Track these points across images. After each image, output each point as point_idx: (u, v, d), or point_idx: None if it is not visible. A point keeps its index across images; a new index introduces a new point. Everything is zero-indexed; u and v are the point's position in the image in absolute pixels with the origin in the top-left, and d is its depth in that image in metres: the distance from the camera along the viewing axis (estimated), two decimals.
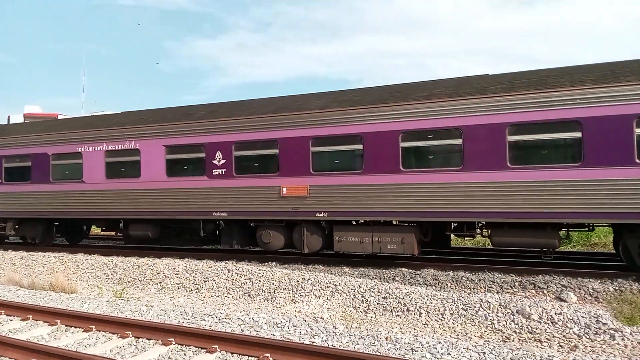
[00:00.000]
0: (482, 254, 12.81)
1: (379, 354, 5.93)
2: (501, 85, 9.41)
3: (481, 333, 7.03)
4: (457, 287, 9.08)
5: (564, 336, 6.79)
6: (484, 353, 5.88)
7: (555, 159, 8.83)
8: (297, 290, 9.09)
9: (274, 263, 11.48)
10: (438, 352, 5.93)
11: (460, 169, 9.44)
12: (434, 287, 9.16)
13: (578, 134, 8.64)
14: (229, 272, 10.27)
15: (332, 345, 6.31)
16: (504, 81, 9.58)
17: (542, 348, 6.36)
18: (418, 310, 7.87)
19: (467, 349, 6.04)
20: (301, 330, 7.02)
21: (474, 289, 8.95)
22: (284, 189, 10.96)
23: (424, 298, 8.13)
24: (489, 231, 9.69)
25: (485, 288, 8.93)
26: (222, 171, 11.62)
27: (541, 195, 8.79)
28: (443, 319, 7.58)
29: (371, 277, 9.86)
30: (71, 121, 15.23)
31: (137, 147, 12.64)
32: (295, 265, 11.24)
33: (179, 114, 12.78)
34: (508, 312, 7.41)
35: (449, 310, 7.70)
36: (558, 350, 6.25)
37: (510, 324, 7.20)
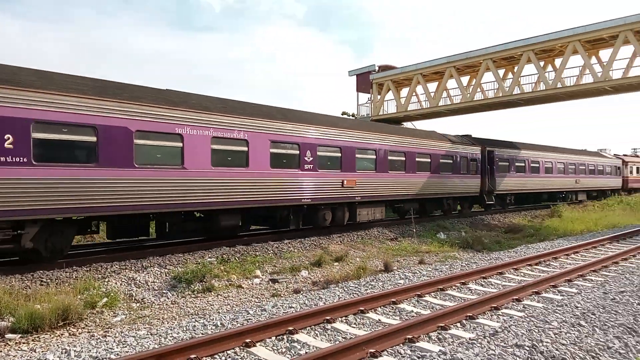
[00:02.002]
0: None
1: None
2: None
3: None
4: None
5: None
6: None
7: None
8: None
9: None
10: None
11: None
12: None
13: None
14: None
15: None
16: None
17: None
18: None
19: None
20: None
21: None
22: (345, 181, 16.35)
23: None
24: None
25: None
26: (310, 166, 15.17)
27: None
28: None
29: None
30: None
31: (246, 137, 13.29)
32: None
33: (282, 113, 15.06)
34: None
35: None
36: None
37: None
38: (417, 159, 19.81)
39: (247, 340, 5.73)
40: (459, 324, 6.77)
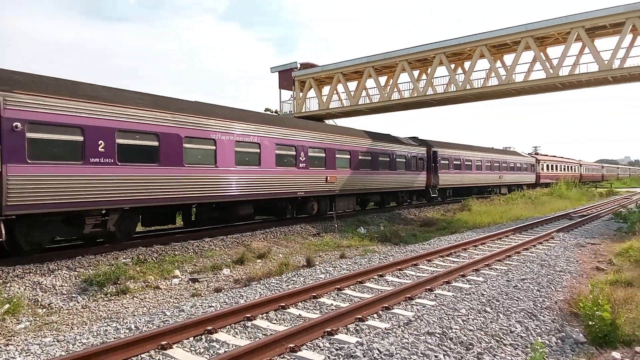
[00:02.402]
0: None
1: None
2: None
3: None
4: None
5: None
6: None
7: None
8: None
9: None
10: None
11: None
12: None
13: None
14: None
15: None
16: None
17: None
18: None
19: None
20: None
21: None
22: (328, 177, 19.15)
23: None
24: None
25: None
26: (304, 164, 18.07)
27: None
28: None
29: None
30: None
31: (258, 141, 15.99)
32: None
33: (282, 120, 19.13)
34: None
35: None
36: None
37: None
38: (380, 159, 23.12)
39: (163, 343, 5.56)
40: (375, 315, 7.03)
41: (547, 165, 51.01)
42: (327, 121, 30.19)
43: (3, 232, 9.75)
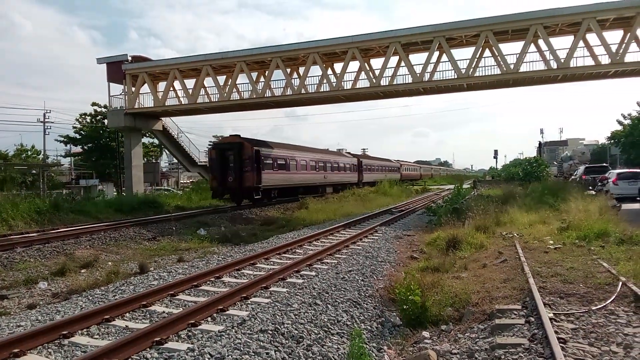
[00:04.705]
0: None
1: None
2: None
3: None
4: None
5: None
6: None
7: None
8: None
9: None
10: None
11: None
12: None
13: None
14: None
15: None
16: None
17: None
18: None
19: None
20: None
21: None
22: (324, 176, 37.97)
23: None
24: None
25: None
26: (315, 169, 36.22)
27: None
28: None
29: None
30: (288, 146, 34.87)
31: (295, 157, 33.01)
32: None
33: (304, 147, 37.62)
34: None
35: None
36: None
37: None
38: (339, 164, 42.12)
39: None
40: (209, 319, 6.94)
41: (406, 168, 74.81)
42: (164, 119, 28.86)
43: (261, 193, 27.24)
